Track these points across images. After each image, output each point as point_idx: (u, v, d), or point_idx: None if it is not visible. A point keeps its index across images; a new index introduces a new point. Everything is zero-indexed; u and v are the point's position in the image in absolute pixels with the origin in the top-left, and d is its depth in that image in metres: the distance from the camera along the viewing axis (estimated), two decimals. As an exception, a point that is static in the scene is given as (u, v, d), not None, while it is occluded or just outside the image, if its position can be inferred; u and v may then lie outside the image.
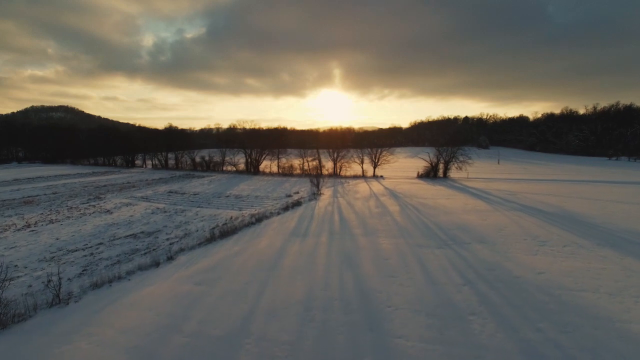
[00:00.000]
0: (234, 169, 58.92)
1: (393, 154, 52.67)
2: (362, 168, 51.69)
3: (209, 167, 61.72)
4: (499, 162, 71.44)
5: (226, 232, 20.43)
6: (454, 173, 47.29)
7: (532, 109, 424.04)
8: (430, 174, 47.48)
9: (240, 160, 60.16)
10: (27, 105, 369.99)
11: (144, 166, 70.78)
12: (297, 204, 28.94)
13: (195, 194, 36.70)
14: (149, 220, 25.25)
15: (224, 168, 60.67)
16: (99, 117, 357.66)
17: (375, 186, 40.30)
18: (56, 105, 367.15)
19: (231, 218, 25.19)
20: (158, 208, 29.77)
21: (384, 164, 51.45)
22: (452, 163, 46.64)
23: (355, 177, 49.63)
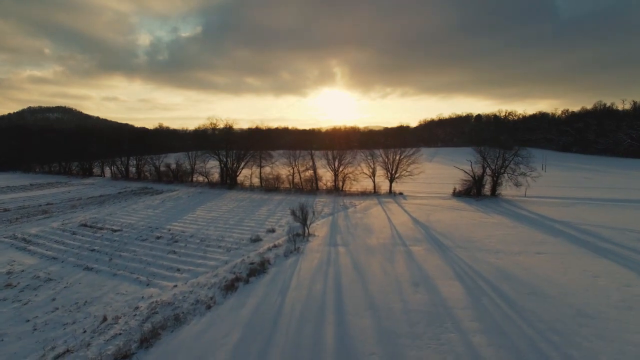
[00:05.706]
0: (206, 180, 45.38)
1: (418, 163, 37.57)
2: (374, 182, 37.26)
3: (177, 177, 48.31)
4: (544, 169, 56.64)
5: None
6: (504, 189, 33.05)
7: (537, 106, 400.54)
8: (471, 191, 33.29)
9: (216, 168, 46.55)
10: (27, 106, 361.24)
11: (102, 175, 57.54)
12: (261, 269, 15.28)
13: (115, 231, 23.32)
14: None
15: (194, 179, 47.21)
16: (98, 118, 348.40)
17: (397, 215, 26.43)
18: (54, 105, 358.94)
19: (103, 321, 11.64)
20: (10, 272, 16.44)
21: (405, 176, 36.89)
22: (505, 174, 32.49)
23: (363, 194, 35.60)
